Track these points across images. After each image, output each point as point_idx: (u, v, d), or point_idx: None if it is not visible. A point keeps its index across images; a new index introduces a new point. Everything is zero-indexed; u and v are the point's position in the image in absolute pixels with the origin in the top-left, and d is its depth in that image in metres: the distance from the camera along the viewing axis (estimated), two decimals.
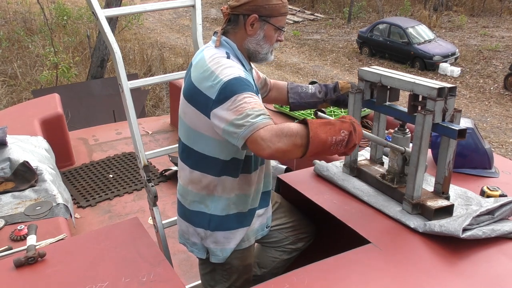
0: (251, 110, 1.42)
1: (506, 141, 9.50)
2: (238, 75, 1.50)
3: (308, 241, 2.03)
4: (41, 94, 4.99)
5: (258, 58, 1.69)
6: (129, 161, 3.82)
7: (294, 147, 1.38)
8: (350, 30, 18.15)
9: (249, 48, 1.65)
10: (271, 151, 1.36)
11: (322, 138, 1.40)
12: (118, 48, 1.95)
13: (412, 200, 1.73)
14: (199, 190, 1.71)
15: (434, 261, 1.53)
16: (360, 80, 1.92)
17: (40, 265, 1.56)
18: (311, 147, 1.39)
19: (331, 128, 1.43)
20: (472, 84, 12.88)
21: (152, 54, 12.94)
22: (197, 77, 1.58)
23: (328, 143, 1.42)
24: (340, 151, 1.47)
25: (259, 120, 1.40)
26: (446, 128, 1.63)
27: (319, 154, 1.46)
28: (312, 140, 1.39)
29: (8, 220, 2.13)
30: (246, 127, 1.40)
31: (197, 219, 1.74)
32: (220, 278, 1.82)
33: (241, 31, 1.63)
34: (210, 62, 1.56)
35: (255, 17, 1.59)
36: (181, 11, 19.66)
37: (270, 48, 1.68)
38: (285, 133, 1.37)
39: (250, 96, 1.46)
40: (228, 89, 1.47)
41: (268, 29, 1.63)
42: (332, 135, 1.42)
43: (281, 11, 1.62)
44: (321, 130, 1.41)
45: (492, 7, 19.93)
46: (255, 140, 1.38)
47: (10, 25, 14.19)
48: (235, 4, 1.60)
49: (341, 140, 1.44)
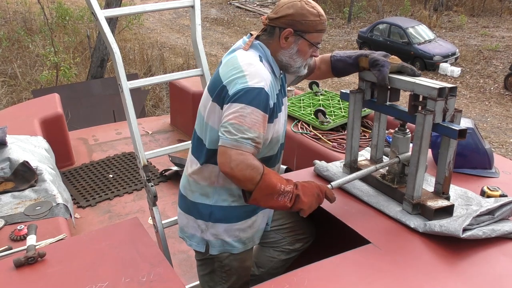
0: (248, 129, 1.48)
1: (506, 141, 9.50)
2: (263, 87, 1.52)
3: (306, 242, 2.03)
4: (41, 94, 4.99)
5: (290, 71, 1.72)
6: (129, 161, 3.82)
7: (249, 181, 1.51)
8: (350, 30, 18.15)
9: (282, 60, 1.67)
10: (230, 172, 1.49)
11: (273, 181, 1.54)
12: (117, 49, 1.95)
13: (412, 200, 1.73)
14: (203, 181, 1.72)
15: (434, 261, 1.53)
16: (361, 80, 1.92)
17: (40, 265, 1.55)
18: (261, 184, 1.51)
19: (280, 178, 1.58)
20: (472, 84, 12.88)
21: (152, 54, 12.94)
22: (226, 72, 1.60)
23: (276, 188, 1.54)
24: (286, 203, 1.58)
25: (245, 143, 1.48)
26: (446, 128, 1.63)
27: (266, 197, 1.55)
28: (264, 177, 1.51)
29: (8, 220, 2.13)
30: (233, 139, 1.48)
31: (198, 211, 1.74)
32: (219, 280, 1.82)
33: (275, 43, 1.65)
34: (243, 61, 1.58)
35: (290, 31, 1.61)
36: (181, 11, 19.66)
37: (303, 63, 1.69)
38: (251, 168, 1.49)
39: (258, 116, 1.50)
40: (247, 95, 1.50)
41: (302, 44, 1.64)
42: (281, 183, 1.56)
43: (318, 28, 1.63)
44: (273, 175, 1.56)
45: (492, 7, 19.93)
46: (226, 154, 1.49)
47: (10, 25, 14.19)
48: (273, 16, 1.63)
49: (288, 192, 1.57)
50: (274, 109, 1.62)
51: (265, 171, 1.52)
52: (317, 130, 3.30)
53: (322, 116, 3.32)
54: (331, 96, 3.85)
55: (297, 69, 1.70)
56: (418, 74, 1.77)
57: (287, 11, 1.60)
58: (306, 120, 3.40)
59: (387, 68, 1.76)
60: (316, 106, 3.58)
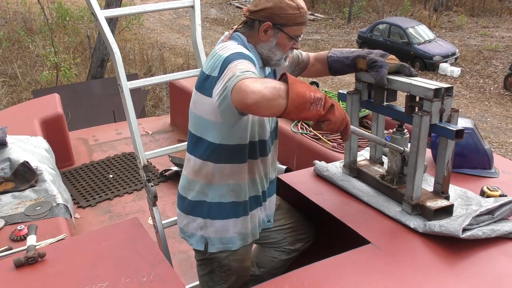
0: (244, 68, 1.41)
1: (506, 141, 9.50)
2: (240, 51, 1.52)
3: (307, 242, 2.03)
4: (41, 94, 4.99)
5: (271, 63, 1.71)
6: (129, 161, 3.82)
7: (277, 96, 1.33)
8: (350, 30, 18.15)
9: (262, 53, 1.68)
10: (255, 97, 1.30)
11: (301, 89, 1.36)
12: (117, 49, 1.95)
13: (411, 201, 1.73)
14: (200, 179, 1.72)
15: (434, 261, 1.54)
16: (357, 81, 1.93)
17: (40, 265, 1.56)
18: (292, 95, 1.33)
19: (307, 86, 1.40)
20: (472, 84, 12.88)
21: (152, 54, 12.94)
22: (207, 64, 1.61)
23: (307, 96, 1.36)
24: (320, 111, 1.41)
25: (246, 74, 1.37)
26: (443, 129, 1.63)
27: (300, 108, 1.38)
28: (291, 88, 1.34)
29: (8, 220, 2.13)
30: (235, 76, 1.37)
31: (196, 209, 1.74)
32: (219, 280, 1.83)
33: (255, 36, 1.65)
34: (220, 49, 1.59)
35: (268, 25, 1.61)
36: (181, 11, 19.66)
37: (283, 55, 1.69)
38: (267, 83, 1.34)
39: (242, 62, 1.46)
40: (226, 61, 1.49)
41: (282, 37, 1.63)
42: (310, 91, 1.38)
43: (297, 21, 1.62)
44: (299, 85, 1.37)
45: (492, 7, 19.93)
46: (240, 87, 1.33)
47: (10, 25, 14.20)
48: (253, 9, 1.63)
49: (319, 99, 1.39)
50: None
51: (290, 81, 1.35)
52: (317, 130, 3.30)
53: None
54: (331, 96, 3.85)
55: (277, 61, 1.69)
56: (415, 74, 1.77)
57: (266, 4, 1.59)
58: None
59: (385, 69, 1.74)
60: None
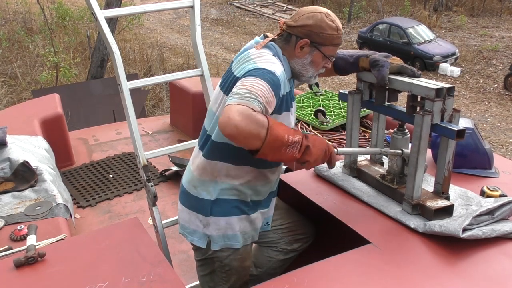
0: (256, 93, 1.42)
1: (506, 141, 9.50)
2: (274, 70, 1.52)
3: (305, 242, 2.03)
4: (41, 94, 4.99)
5: (301, 79, 1.73)
6: (129, 161, 3.82)
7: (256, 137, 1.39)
8: (350, 30, 18.14)
9: (294, 68, 1.68)
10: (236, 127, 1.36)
11: (280, 133, 1.43)
12: (117, 49, 1.95)
13: (412, 201, 1.73)
14: (205, 176, 1.72)
15: (434, 261, 1.53)
16: (359, 80, 1.93)
17: (40, 265, 1.56)
18: (269, 138, 1.40)
19: (286, 129, 1.48)
20: (472, 84, 12.88)
21: (152, 54, 12.94)
22: (237, 66, 1.61)
23: (284, 140, 1.44)
24: (295, 154, 1.49)
25: (253, 101, 1.40)
26: (444, 129, 1.63)
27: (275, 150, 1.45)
28: (270, 131, 1.40)
29: (8, 220, 2.13)
30: (240, 97, 1.40)
31: (200, 206, 1.74)
32: (220, 280, 1.82)
33: (290, 50, 1.66)
34: (255, 54, 1.59)
35: (306, 42, 1.62)
36: (181, 11, 19.66)
37: (315, 73, 1.71)
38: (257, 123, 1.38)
39: (267, 90, 1.45)
40: (257, 71, 1.49)
41: (317, 55, 1.65)
42: (289, 134, 1.46)
43: (334, 42, 1.64)
44: (279, 127, 1.45)
45: (492, 7, 19.93)
46: (232, 109, 1.37)
47: (10, 25, 14.19)
48: (292, 24, 1.64)
49: (296, 142, 1.47)
50: (284, 101, 1.61)
51: (270, 124, 1.42)
52: (317, 130, 3.30)
53: (322, 116, 3.33)
54: (331, 96, 3.85)
55: (309, 78, 1.72)
56: (418, 75, 1.77)
57: (307, 21, 1.60)
58: (306, 120, 3.41)
59: (386, 68, 1.75)
60: (316, 106, 3.58)
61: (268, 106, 1.45)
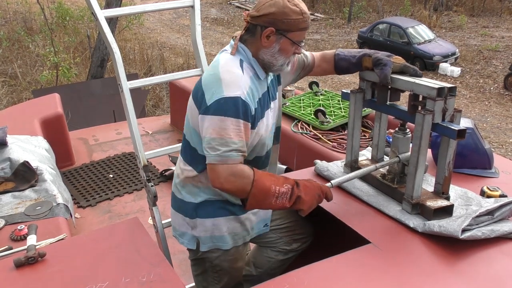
0: (230, 140, 1.50)
1: (506, 141, 9.50)
2: (239, 96, 1.51)
3: (304, 242, 2.02)
4: (41, 94, 4.98)
5: (273, 69, 1.69)
6: (129, 161, 3.82)
7: (242, 191, 1.55)
8: (350, 30, 18.15)
9: (264, 59, 1.65)
10: (221, 187, 1.55)
11: (266, 185, 1.55)
12: (117, 49, 1.95)
13: (411, 200, 1.73)
14: (189, 181, 1.73)
15: (434, 261, 1.53)
16: (361, 79, 1.92)
17: (40, 265, 1.56)
18: (254, 190, 1.53)
19: (275, 180, 1.58)
20: (472, 84, 12.88)
21: (152, 54, 12.94)
22: (206, 77, 1.61)
23: (271, 191, 1.55)
24: (285, 204, 1.59)
25: (229, 155, 1.51)
26: (445, 128, 1.63)
27: (262, 201, 1.57)
28: (255, 184, 1.53)
29: (8, 220, 2.13)
30: (217, 155, 1.51)
31: (186, 208, 1.75)
32: (212, 280, 1.83)
33: (257, 42, 1.62)
34: (222, 68, 1.58)
35: (271, 30, 1.58)
36: (181, 11, 19.66)
37: (285, 61, 1.67)
38: (241, 178, 1.53)
39: (238, 125, 1.51)
40: (222, 105, 1.50)
41: (284, 43, 1.61)
42: (276, 185, 1.56)
43: (300, 26, 1.60)
44: (266, 178, 1.56)
45: (492, 7, 19.93)
46: (214, 171, 1.53)
47: (10, 25, 14.20)
48: (255, 14, 1.60)
49: (285, 193, 1.57)
50: (256, 115, 1.60)
51: (255, 177, 1.53)
52: (317, 130, 3.30)
53: (322, 116, 3.32)
54: (331, 96, 3.85)
55: (280, 67, 1.67)
56: (420, 74, 1.76)
57: (269, 9, 1.56)
58: (306, 120, 3.40)
59: (389, 67, 1.74)
60: (316, 106, 3.57)
61: (246, 138, 1.54)
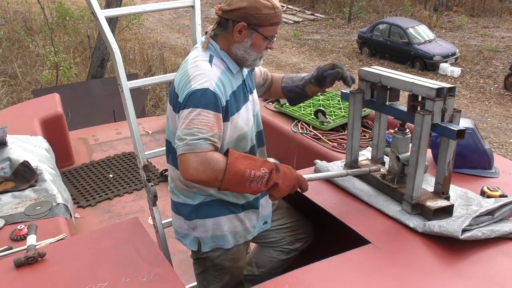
0: (197, 130, 1.46)
1: (506, 141, 9.50)
2: (206, 86, 1.50)
3: (306, 241, 2.03)
4: (41, 94, 4.98)
5: (246, 64, 1.69)
6: (129, 161, 3.82)
7: (214, 180, 1.48)
8: (350, 30, 18.14)
9: (236, 54, 1.64)
10: (192, 178, 1.48)
11: (240, 169, 1.47)
12: (117, 48, 1.95)
13: (411, 200, 1.73)
14: (183, 185, 1.72)
15: (434, 261, 1.53)
16: (361, 80, 1.93)
17: (40, 265, 1.56)
18: (227, 176, 1.46)
19: (251, 163, 1.51)
20: (472, 84, 12.88)
21: (152, 54, 12.94)
22: (178, 78, 1.61)
23: (246, 175, 1.48)
24: (261, 189, 1.53)
25: (197, 143, 1.45)
26: (445, 129, 1.63)
27: (237, 186, 1.51)
28: (228, 168, 1.46)
29: (8, 220, 2.13)
30: (185, 143, 1.46)
31: (184, 211, 1.75)
32: (213, 279, 1.83)
33: (229, 36, 1.61)
34: (190, 65, 1.58)
35: (243, 25, 1.57)
36: (181, 11, 19.66)
37: (258, 55, 1.66)
38: (211, 166, 1.45)
39: (207, 115, 1.48)
40: (191, 98, 1.50)
41: (257, 37, 1.60)
42: (251, 169, 1.49)
43: (272, 21, 1.59)
44: (241, 162, 1.49)
45: (492, 7, 19.92)
46: (184, 161, 1.46)
47: (10, 24, 14.20)
48: (226, 8, 1.58)
49: (261, 177, 1.50)
50: (229, 106, 1.58)
51: (229, 161, 1.47)
52: (317, 130, 3.30)
53: (322, 116, 3.33)
54: (331, 96, 3.85)
55: (252, 62, 1.67)
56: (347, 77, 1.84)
57: (240, 3, 1.55)
58: (306, 120, 3.41)
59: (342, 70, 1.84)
60: (316, 106, 3.58)
61: (217, 130, 1.50)
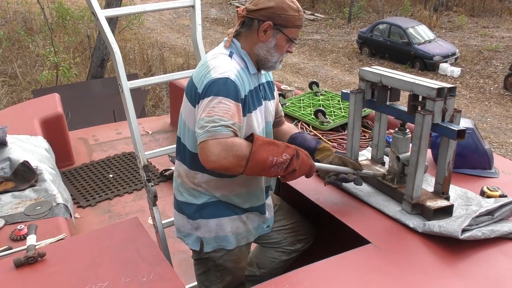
0: (219, 117, 1.45)
1: (506, 142, 9.50)
2: (227, 76, 1.51)
3: (307, 242, 2.03)
4: (41, 94, 4.98)
5: (267, 66, 1.69)
6: (129, 161, 3.82)
7: (236, 166, 1.47)
8: (350, 30, 18.14)
9: (259, 54, 1.65)
10: (214, 166, 1.45)
11: (263, 156, 1.48)
12: (117, 48, 1.95)
13: (411, 200, 1.73)
14: (189, 183, 1.73)
15: (433, 261, 1.53)
16: (361, 80, 1.93)
17: (40, 265, 1.56)
18: (250, 164, 1.46)
19: (274, 149, 1.51)
20: (472, 84, 12.88)
21: (152, 54, 12.94)
22: (196, 72, 1.63)
23: (268, 162, 1.49)
24: (280, 173, 1.55)
25: (218, 130, 1.44)
26: (445, 129, 1.63)
27: (259, 172, 1.53)
28: (252, 156, 1.46)
29: (8, 220, 2.13)
30: (205, 131, 1.44)
31: (188, 210, 1.75)
32: (214, 279, 1.83)
33: (254, 36, 1.63)
34: (210, 58, 1.60)
35: (269, 24, 1.59)
36: (181, 11, 19.66)
37: (279, 58, 1.69)
38: (234, 151, 1.44)
39: (227, 104, 1.48)
40: (212, 87, 1.50)
41: (281, 38, 1.63)
42: (274, 155, 1.50)
43: (296, 23, 1.62)
44: (264, 149, 1.49)
45: (492, 7, 19.92)
46: (205, 148, 1.44)
47: (10, 24, 14.19)
48: (252, 8, 1.61)
49: (282, 163, 1.51)
50: (247, 102, 1.59)
51: (253, 149, 1.46)
52: (317, 130, 3.30)
53: (322, 116, 3.32)
54: (331, 96, 3.84)
55: (273, 64, 1.68)
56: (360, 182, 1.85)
57: (268, 3, 1.58)
58: (306, 120, 3.40)
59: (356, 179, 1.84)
60: (316, 106, 3.57)
61: (237, 117, 1.49)
